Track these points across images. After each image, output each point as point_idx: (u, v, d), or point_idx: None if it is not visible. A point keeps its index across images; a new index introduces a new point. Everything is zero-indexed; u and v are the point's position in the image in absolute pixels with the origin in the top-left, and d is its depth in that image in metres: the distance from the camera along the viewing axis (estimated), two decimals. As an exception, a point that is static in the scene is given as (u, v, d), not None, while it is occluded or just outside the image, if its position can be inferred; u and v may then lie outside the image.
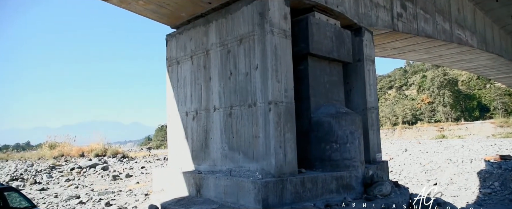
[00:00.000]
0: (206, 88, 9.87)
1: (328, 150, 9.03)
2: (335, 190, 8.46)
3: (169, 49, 11.45)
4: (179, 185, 9.81)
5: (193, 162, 10.32)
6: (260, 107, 8.16)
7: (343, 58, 10.35)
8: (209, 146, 9.75)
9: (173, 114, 11.24)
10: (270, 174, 7.80)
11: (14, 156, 25.74)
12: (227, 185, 8.19)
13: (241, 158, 8.68)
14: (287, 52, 8.44)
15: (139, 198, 10.70)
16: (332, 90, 10.27)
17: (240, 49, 8.76)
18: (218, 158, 9.39)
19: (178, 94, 11.03)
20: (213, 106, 9.60)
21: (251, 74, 8.46)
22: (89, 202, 10.54)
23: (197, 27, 10.22)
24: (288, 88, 8.35)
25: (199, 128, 10.14)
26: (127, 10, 10.11)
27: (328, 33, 9.78)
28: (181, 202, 8.92)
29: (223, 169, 9.15)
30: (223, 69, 9.30)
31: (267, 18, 8.09)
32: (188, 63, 10.55)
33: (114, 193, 11.83)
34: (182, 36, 10.84)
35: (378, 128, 11.63)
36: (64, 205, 10.38)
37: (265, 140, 8.02)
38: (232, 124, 8.95)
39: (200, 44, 10.09)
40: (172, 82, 11.30)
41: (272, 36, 8.09)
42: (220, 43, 9.37)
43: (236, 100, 8.86)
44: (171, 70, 11.36)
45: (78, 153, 23.64)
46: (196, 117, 10.23)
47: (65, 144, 25.13)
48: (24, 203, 6.58)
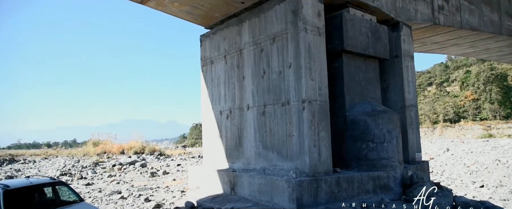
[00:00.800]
0: (240, 87, 9.97)
1: (364, 149, 8.79)
2: (371, 191, 8.22)
3: (203, 49, 11.70)
4: (214, 183, 10.01)
5: (227, 160, 10.48)
6: (294, 105, 8.11)
7: (379, 54, 10.01)
8: (243, 144, 9.85)
9: (208, 113, 11.48)
10: (304, 173, 7.73)
11: (62, 153, 27.62)
12: (261, 183, 8.24)
13: (275, 157, 8.69)
14: (321, 50, 8.31)
15: (176, 195, 11.04)
16: (367, 87, 9.97)
17: (273, 47, 8.75)
18: (252, 157, 9.46)
19: (212, 93, 11.25)
20: (246, 105, 9.69)
21: (284, 73, 8.43)
22: (129, 197, 11.05)
23: (230, 27, 10.35)
24: (322, 86, 8.22)
25: (233, 126, 10.28)
26: (163, 12, 10.47)
27: (363, 29, 9.50)
28: (216, 200, 9.09)
29: (257, 168, 9.20)
30: (256, 68, 9.34)
31: (300, 15, 8.01)
32: (222, 62, 10.72)
33: (152, 189, 12.31)
34: (216, 36, 11.04)
35: (418, 127, 11.13)
36: (107, 200, 10.96)
37: (299, 138, 7.96)
38: (266, 122, 8.98)
39: (233, 44, 10.21)
40: (206, 81, 11.53)
41: (306, 33, 8.01)
42: (253, 42, 9.43)
43: (269, 99, 8.87)
44: (205, 69, 11.60)
45: (119, 151, 24.86)
46: (230, 116, 10.37)
47: (107, 142, 26.52)
48: (73, 197, 7.04)
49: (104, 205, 9.93)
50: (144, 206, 9.57)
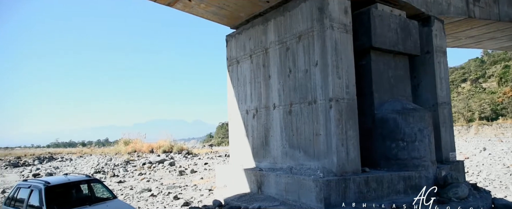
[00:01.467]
0: (266, 86, 9.98)
1: (394, 148, 8.54)
2: (402, 191, 7.97)
3: (229, 49, 11.81)
4: (240, 182, 10.09)
5: (254, 159, 10.53)
6: (321, 104, 8.01)
7: (409, 50, 9.68)
8: (269, 143, 9.85)
9: (234, 112, 11.59)
10: (332, 173, 7.63)
11: (96, 151, 28.89)
12: (288, 182, 8.21)
13: (301, 156, 8.63)
14: (348, 47, 8.16)
15: (204, 193, 11.23)
16: (397, 85, 9.68)
17: (299, 46, 8.69)
18: (279, 156, 9.45)
19: (238, 93, 11.34)
20: (272, 104, 9.68)
21: (310, 71, 8.34)
22: (159, 195, 11.37)
23: (256, 26, 10.38)
24: (349, 84, 8.07)
25: (259, 126, 10.31)
26: (190, 14, 10.67)
27: (392, 25, 9.22)
28: (243, 198, 9.16)
29: (283, 167, 9.18)
30: (282, 67, 9.31)
31: (327, 13, 7.90)
32: (248, 62, 10.78)
33: (181, 188, 12.59)
34: (241, 36, 11.11)
35: (451, 125, 10.66)
36: (138, 197, 11.34)
37: (326, 137, 7.86)
38: (292, 121, 8.93)
39: (259, 43, 10.23)
40: (232, 81, 11.64)
41: (332, 31, 7.88)
42: (279, 41, 9.40)
43: (295, 98, 8.82)
44: (231, 69, 11.71)
45: (148, 149, 25.63)
46: (256, 115, 10.41)
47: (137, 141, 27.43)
48: (106, 194, 7.35)
49: (135, 202, 10.28)
50: (173, 203, 9.81)
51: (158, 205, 9.77)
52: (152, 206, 9.71)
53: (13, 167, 22.46)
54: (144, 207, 9.59)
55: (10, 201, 6.65)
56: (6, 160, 24.35)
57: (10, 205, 6.57)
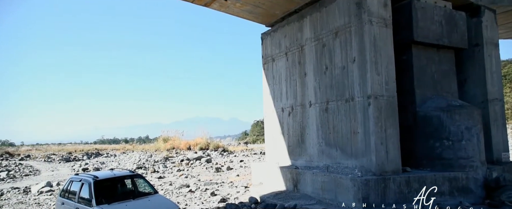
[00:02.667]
0: (301, 83, 9.89)
1: (437, 147, 8.11)
2: (447, 192, 7.54)
3: (264, 47, 11.84)
4: (276, 179, 10.10)
5: (290, 157, 10.49)
6: (359, 101, 7.79)
7: (455, 44, 9.10)
8: (305, 141, 9.76)
9: (269, 110, 11.61)
10: (371, 172, 7.40)
11: (137, 148, 30.33)
12: (324, 181, 8.09)
13: (338, 154, 8.46)
14: (387, 42, 7.85)
15: (240, 190, 11.38)
16: (441, 81, 9.15)
17: (336, 42, 8.50)
18: (315, 154, 9.34)
19: (273, 91, 11.34)
20: (308, 102, 9.58)
21: (348, 68, 8.14)
22: (197, 191, 11.69)
23: (291, 24, 10.30)
24: (389, 80, 7.76)
25: (295, 123, 10.24)
26: (226, 13, 10.83)
27: (436, 17, 8.73)
28: (279, 196, 9.17)
29: (320, 165, 9.06)
30: (318, 64, 9.17)
31: (365, 7, 7.65)
32: (283, 59, 10.74)
33: (218, 184, 12.85)
34: (277, 33, 11.08)
35: (504, 123, 9.88)
36: (177, 193, 11.74)
37: (364, 136, 7.64)
38: (329, 119, 8.78)
39: (294, 40, 10.16)
40: (268, 79, 11.66)
41: (371, 26, 7.62)
42: (315, 37, 9.26)
43: (332, 95, 8.65)
44: (266, 67, 11.74)
45: (186, 146, 26.43)
46: (292, 112, 10.35)
47: (175, 138, 28.38)
48: (148, 189, 7.69)
49: (175, 198, 10.65)
50: (210, 199, 10.04)
51: (196, 201, 10.04)
52: (190, 202, 10.00)
53: (65, 162, 24.23)
54: (183, 202, 9.91)
55: (65, 193, 7.18)
56: (59, 155, 26.33)
57: (65, 196, 7.10)
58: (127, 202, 6.42)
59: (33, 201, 10.82)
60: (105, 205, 6.13)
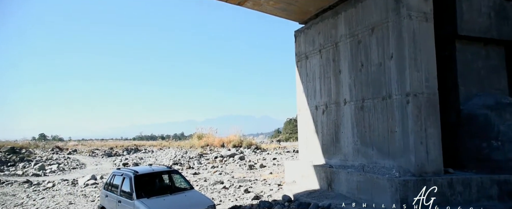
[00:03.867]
0: (336, 81, 9.70)
1: (485, 148, 7.61)
2: (496, 197, 7.07)
3: (298, 44, 11.74)
4: (310, 178, 10.01)
5: (324, 155, 10.34)
6: (396, 99, 7.51)
7: (506, 37, 8.47)
8: (340, 140, 9.58)
9: (303, 108, 11.51)
10: (409, 172, 7.11)
11: (173, 144, 31.35)
12: (360, 181, 7.89)
13: (374, 154, 8.21)
14: (428, 37, 7.47)
15: (273, 188, 11.40)
16: (489, 77, 8.57)
17: (372, 38, 8.24)
18: (350, 153, 9.14)
19: (307, 88, 11.22)
20: (343, 100, 9.38)
21: (384, 65, 7.86)
22: (231, 188, 11.88)
23: (325, 20, 10.12)
24: (429, 77, 7.39)
25: (329, 121, 10.08)
26: (259, 11, 10.87)
27: (483, 8, 8.18)
28: (312, 195, 9.08)
29: (355, 164, 8.85)
30: (353, 61, 8.95)
31: (403, 1, 7.32)
32: (317, 57, 10.58)
33: (251, 181, 12.96)
34: (310, 30, 10.95)
35: (560, 123, 9.07)
36: (212, 189, 12.00)
37: (402, 135, 7.35)
38: (364, 117, 8.54)
39: (328, 37, 9.97)
40: (301, 76, 11.56)
41: (410, 20, 7.29)
42: (350, 34, 9.04)
43: (368, 93, 8.41)
44: (300, 65, 11.64)
45: (219, 144, 26.89)
46: (326, 111, 10.19)
47: (209, 136, 28.97)
48: (184, 184, 7.93)
49: (209, 193, 10.90)
50: (244, 196, 10.15)
51: (230, 197, 10.21)
52: (224, 198, 10.18)
53: (107, 156, 25.61)
54: (217, 198, 10.11)
55: (108, 186, 7.60)
56: (102, 150, 27.87)
57: (108, 189, 7.52)
58: (165, 197, 6.65)
59: (80, 193, 11.56)
60: (144, 198, 6.40)
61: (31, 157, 23.24)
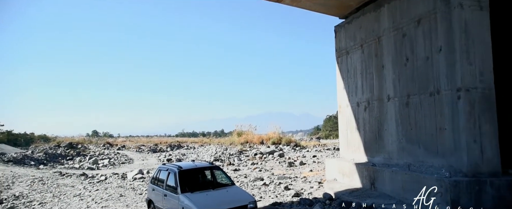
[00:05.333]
0: (378, 76, 9.35)
1: (549, 147, 6.93)
2: None
3: (338, 40, 11.46)
4: (351, 176, 9.77)
5: (366, 153, 10.04)
6: (446, 95, 7.07)
7: None
8: (383, 137, 9.24)
9: (344, 105, 11.24)
10: (461, 173, 6.68)
11: (214, 141, 32.16)
12: (405, 180, 7.56)
13: (421, 152, 7.82)
14: (483, 27, 6.91)
15: (313, 185, 11.28)
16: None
17: (418, 31, 7.82)
18: (394, 151, 8.78)
19: (348, 85, 10.94)
20: (386, 96, 9.01)
21: (432, 58, 7.43)
22: (271, 184, 11.94)
23: (367, 14, 9.77)
24: (484, 71, 6.85)
25: (371, 118, 9.75)
26: (297, 7, 10.77)
27: (546, -6, 7.42)
28: (354, 194, 8.87)
29: (399, 163, 8.49)
30: (397, 55, 8.56)
31: (453, -10, 6.87)
32: (358, 52, 10.27)
33: (291, 179, 12.93)
34: (351, 25, 10.64)
35: None
36: (252, 185, 12.15)
37: (452, 133, 6.91)
38: (410, 114, 8.15)
39: (370, 31, 9.63)
40: (342, 72, 11.28)
41: (461, 10, 6.81)
42: (394, 27, 8.65)
43: (414, 88, 8.01)
44: (340, 61, 11.36)
45: (259, 141, 27.11)
46: (368, 107, 9.87)
47: (249, 133, 29.31)
48: (225, 180, 8.12)
49: (249, 190, 11.05)
50: (284, 193, 10.17)
51: (270, 194, 10.27)
52: (264, 195, 10.27)
53: (152, 152, 26.94)
54: (257, 195, 10.23)
55: (154, 180, 8.01)
56: (148, 146, 29.37)
57: (154, 183, 7.92)
58: (207, 192, 6.86)
59: (129, 186, 12.30)
60: (188, 193, 6.65)
61: (86, 152, 25.14)
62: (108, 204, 9.55)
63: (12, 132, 41.26)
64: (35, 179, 13.99)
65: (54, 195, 10.92)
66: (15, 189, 12.06)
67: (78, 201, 10.02)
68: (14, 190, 11.89)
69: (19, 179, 13.96)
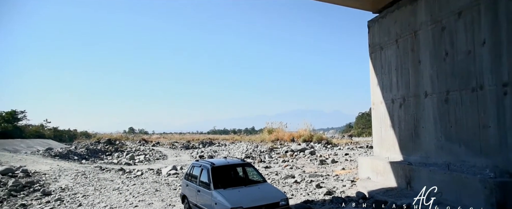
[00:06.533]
0: (415, 72, 8.98)
1: None
2: None
3: (371, 35, 11.13)
4: (386, 175, 9.49)
5: (401, 152, 9.70)
6: (490, 90, 6.66)
7: None
8: (419, 135, 8.87)
9: (377, 101, 10.91)
10: (508, 173, 6.27)
11: (244, 138, 32.47)
12: (444, 180, 7.22)
13: (462, 151, 7.43)
14: (532, 17, 6.44)
15: (346, 184, 11.06)
16: None
17: (459, 24, 7.41)
18: (432, 149, 8.41)
19: (382, 81, 10.60)
20: (424, 92, 8.64)
21: (474, 52, 7.02)
22: (302, 182, 11.86)
23: (402, 8, 9.40)
24: (534, 64, 6.38)
25: (407, 116, 9.39)
26: (329, 3, 10.58)
27: None
28: (389, 193, 8.60)
29: (438, 162, 8.12)
30: (435, 50, 8.17)
31: (498, -22, 6.44)
32: (393, 47, 9.91)
33: (323, 177, 12.76)
34: (385, 20, 10.28)
35: None
36: (283, 183, 12.14)
37: (498, 130, 6.50)
38: (449, 111, 7.76)
39: (406, 26, 9.25)
40: (375, 68, 10.95)
41: (508, 0, 6.37)
42: (432, 20, 8.26)
43: (454, 84, 7.61)
44: (374, 56, 11.03)
45: (289, 138, 26.99)
46: (404, 104, 9.51)
47: (279, 130, 29.27)
48: (257, 177, 8.17)
49: (280, 187, 11.05)
50: (316, 191, 10.07)
51: (301, 192, 10.21)
52: (296, 192, 10.23)
53: (185, 149, 27.70)
54: (289, 192, 10.21)
55: (188, 176, 8.24)
56: (180, 143, 30.23)
57: (188, 179, 8.14)
58: (239, 188, 6.94)
59: (164, 181, 12.74)
60: (221, 189, 6.76)
61: (123, 148, 26.35)
62: (144, 198, 9.95)
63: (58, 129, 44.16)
64: (78, 173, 14.88)
65: (95, 189, 11.56)
66: (61, 182, 12.89)
67: (117, 195, 10.53)
68: (61, 183, 12.72)
69: (65, 173, 14.92)
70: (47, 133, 41.05)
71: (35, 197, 10.44)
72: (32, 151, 23.76)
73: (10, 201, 9.94)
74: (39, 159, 19.50)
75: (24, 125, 40.31)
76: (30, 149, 24.94)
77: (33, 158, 19.57)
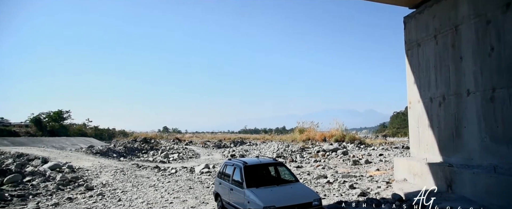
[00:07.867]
0: (456, 69, 8.52)
1: None
2: None
3: (408, 31, 10.69)
4: (424, 177, 9.08)
5: (440, 153, 9.24)
6: (542, 87, 6.18)
7: None
8: (461, 135, 8.41)
9: (414, 100, 10.47)
10: (562, 178, 5.79)
11: (275, 138, 32.45)
12: (490, 184, 6.79)
13: (510, 153, 6.94)
14: None
15: (381, 185, 10.70)
16: None
17: (507, 16, 6.92)
18: (475, 151, 7.94)
19: (419, 79, 10.16)
20: (466, 90, 8.17)
21: (524, 46, 6.54)
22: (335, 182, 11.63)
23: (441, 2, 8.94)
24: None
25: (447, 115, 8.93)
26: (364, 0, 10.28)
27: None
28: (429, 196, 8.23)
29: (482, 164, 7.65)
30: (479, 45, 7.70)
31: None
32: (431, 43, 9.46)
33: (356, 177, 12.44)
34: (423, 15, 9.83)
35: None
36: (315, 183, 11.97)
37: (551, 131, 6.02)
38: (495, 110, 7.29)
39: (446, 20, 8.80)
40: (412, 66, 10.51)
41: (561, -11, 5.89)
42: (475, 14, 7.79)
43: (501, 81, 7.13)
44: (410, 53, 10.59)
45: (321, 138, 26.58)
46: (443, 103, 9.05)
47: (310, 130, 28.92)
48: (289, 177, 8.14)
49: (313, 187, 10.91)
50: (349, 192, 9.84)
51: (334, 192, 10.03)
52: (329, 193, 10.06)
53: (217, 148, 28.17)
54: (321, 192, 10.06)
55: (221, 175, 8.37)
56: (212, 142, 30.78)
57: (221, 178, 8.28)
58: (272, 188, 6.94)
59: (197, 179, 13.05)
60: (253, 188, 6.80)
61: (158, 146, 27.29)
62: (179, 195, 10.25)
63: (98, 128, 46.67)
64: (117, 169, 15.62)
65: (133, 185, 12.07)
66: (102, 178, 13.60)
67: (153, 191, 10.93)
68: (102, 179, 13.42)
69: (105, 169, 15.72)
70: (88, 131, 43.58)
71: (79, 191, 11.11)
72: (76, 148, 25.32)
73: (58, 194, 10.66)
74: (82, 156, 20.71)
75: (69, 124, 43.06)
76: (74, 146, 26.59)
77: (77, 155, 20.83)
